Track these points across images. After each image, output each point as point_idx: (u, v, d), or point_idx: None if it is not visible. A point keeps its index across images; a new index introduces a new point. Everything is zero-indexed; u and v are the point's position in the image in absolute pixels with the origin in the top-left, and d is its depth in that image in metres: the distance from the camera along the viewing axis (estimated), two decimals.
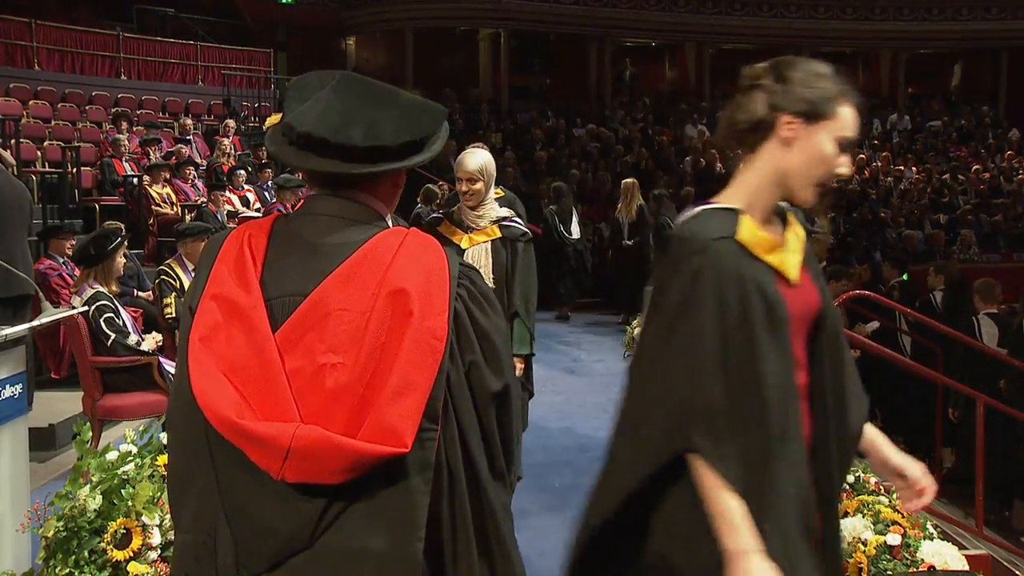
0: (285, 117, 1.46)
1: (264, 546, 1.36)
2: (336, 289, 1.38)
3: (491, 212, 3.91)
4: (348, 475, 1.32)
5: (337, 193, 1.48)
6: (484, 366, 1.45)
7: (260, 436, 1.31)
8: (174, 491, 1.48)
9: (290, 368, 1.35)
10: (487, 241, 3.88)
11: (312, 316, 1.37)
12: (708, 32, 22.81)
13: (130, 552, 3.20)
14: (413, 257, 1.41)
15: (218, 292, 1.40)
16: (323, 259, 1.41)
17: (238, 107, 16.31)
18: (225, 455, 1.37)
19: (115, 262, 5.35)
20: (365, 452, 1.30)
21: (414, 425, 1.33)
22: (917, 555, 3.53)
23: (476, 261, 3.79)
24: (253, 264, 1.42)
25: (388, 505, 1.35)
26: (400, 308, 1.36)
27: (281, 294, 1.40)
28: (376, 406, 1.32)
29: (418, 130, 1.45)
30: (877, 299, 7.08)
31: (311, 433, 1.31)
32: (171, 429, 1.49)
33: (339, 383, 1.34)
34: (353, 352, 1.35)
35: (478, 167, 3.83)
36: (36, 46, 15.28)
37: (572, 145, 17.90)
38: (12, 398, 3.25)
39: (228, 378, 1.35)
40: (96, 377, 5.03)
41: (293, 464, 1.31)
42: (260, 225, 1.49)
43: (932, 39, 23.48)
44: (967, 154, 20.21)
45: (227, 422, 1.32)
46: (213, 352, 1.37)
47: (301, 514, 1.34)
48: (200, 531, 1.41)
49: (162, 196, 10.40)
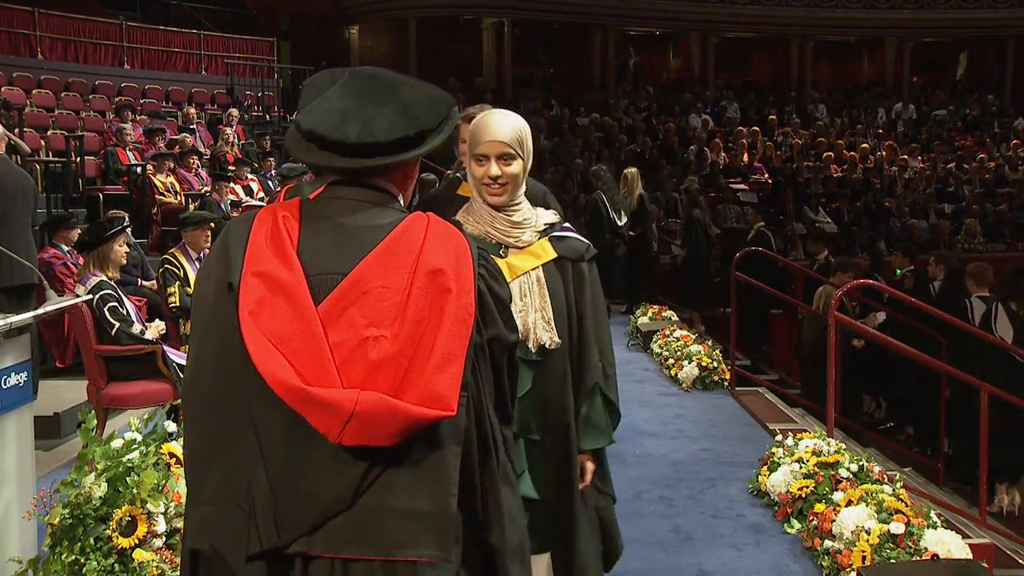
0: (298, 114, 1.60)
1: (307, 509, 1.44)
2: (374, 268, 1.49)
3: (534, 219, 2.47)
4: (400, 438, 1.42)
5: (353, 180, 1.59)
6: (504, 331, 1.60)
7: (327, 400, 1.40)
8: (195, 466, 1.53)
9: (333, 341, 1.44)
10: (537, 267, 2.43)
11: (353, 292, 1.47)
12: (712, 20, 22.71)
13: (135, 539, 3.22)
14: (442, 239, 1.54)
15: (260, 269, 1.49)
16: (358, 240, 1.53)
17: (241, 96, 16.28)
18: (270, 423, 1.45)
19: (113, 249, 5.34)
20: (420, 415, 1.41)
21: (456, 391, 1.45)
22: (920, 544, 3.53)
23: (524, 299, 2.41)
24: (290, 242, 1.52)
25: (425, 465, 1.46)
26: (439, 286, 1.48)
27: (320, 272, 1.50)
28: (423, 374, 1.44)
29: (413, 125, 1.55)
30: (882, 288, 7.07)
31: (373, 398, 1.41)
32: (192, 409, 1.55)
33: (383, 354, 1.44)
34: (396, 326, 1.46)
35: (513, 135, 2.35)
36: (40, 35, 15.25)
37: (576, 134, 17.87)
38: (17, 386, 3.25)
39: (278, 348, 1.44)
40: (100, 366, 5.05)
41: (353, 427, 1.40)
42: (288, 207, 1.59)
43: (937, 27, 23.36)
44: (972, 143, 20.13)
45: (293, 388, 1.41)
46: (263, 325, 1.46)
47: (346, 477, 1.43)
48: (227, 501, 1.48)
49: (166, 185, 10.40)
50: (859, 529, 3.68)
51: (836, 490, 4.09)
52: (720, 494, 4.75)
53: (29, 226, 5.99)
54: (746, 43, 24.61)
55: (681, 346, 7.65)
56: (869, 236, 14.66)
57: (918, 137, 20.55)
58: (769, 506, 4.50)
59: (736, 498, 4.69)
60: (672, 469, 5.17)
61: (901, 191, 17.03)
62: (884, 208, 15.96)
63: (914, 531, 3.58)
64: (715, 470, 5.14)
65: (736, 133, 18.78)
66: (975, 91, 23.34)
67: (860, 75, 25.16)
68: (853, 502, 3.88)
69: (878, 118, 21.60)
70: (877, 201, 16.18)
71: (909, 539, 3.55)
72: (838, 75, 25.10)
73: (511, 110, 2.51)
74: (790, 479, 4.37)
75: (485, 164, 2.34)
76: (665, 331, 8.29)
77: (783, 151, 18.53)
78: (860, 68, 25.42)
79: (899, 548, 3.53)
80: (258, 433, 1.46)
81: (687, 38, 23.72)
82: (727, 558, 3.96)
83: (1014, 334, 6.45)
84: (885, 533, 3.59)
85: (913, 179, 17.69)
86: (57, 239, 7.21)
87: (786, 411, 6.62)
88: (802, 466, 4.38)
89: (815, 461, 4.34)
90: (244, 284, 1.49)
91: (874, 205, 16.00)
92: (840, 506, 3.90)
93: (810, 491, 4.20)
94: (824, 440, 4.63)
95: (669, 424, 6.15)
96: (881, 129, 20.87)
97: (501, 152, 2.32)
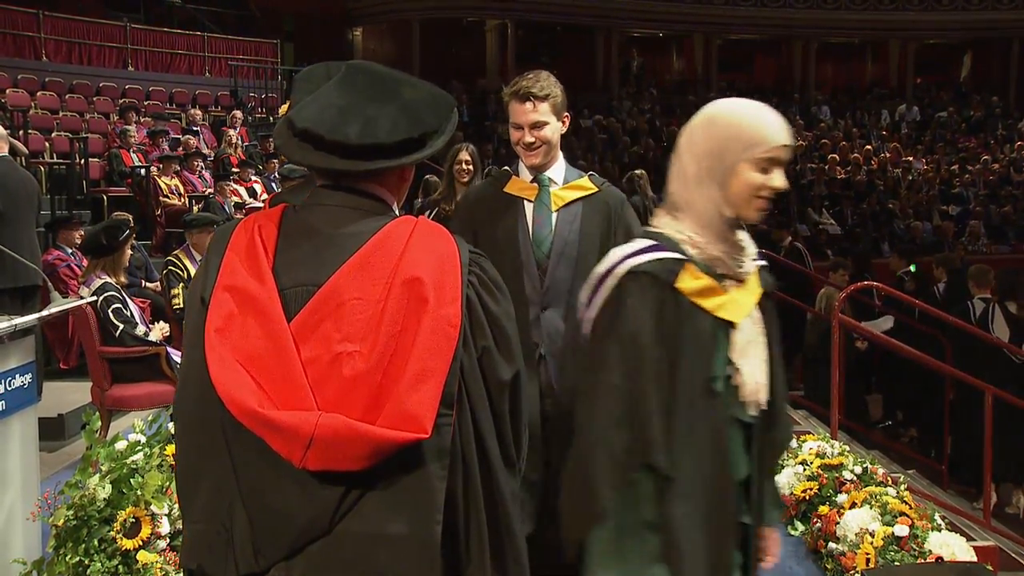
0: (290, 110, 1.49)
1: (283, 533, 1.37)
2: (349, 278, 1.39)
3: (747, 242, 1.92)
4: (369, 462, 1.34)
5: (343, 184, 1.49)
6: (496, 352, 1.46)
7: (283, 425, 1.32)
8: (184, 481, 1.48)
9: (306, 357, 1.37)
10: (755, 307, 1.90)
11: (327, 305, 1.38)
12: (716, 22, 22.71)
13: (139, 541, 3.22)
14: (425, 245, 1.43)
15: (231, 283, 1.41)
16: (335, 249, 1.43)
17: (245, 98, 16.30)
18: (243, 444, 1.38)
19: (124, 253, 5.37)
20: (387, 439, 1.32)
21: (433, 411, 1.35)
22: (925, 546, 3.52)
23: (752, 353, 1.84)
24: (265, 254, 1.43)
25: (406, 490, 1.37)
26: (415, 296, 1.38)
27: (294, 284, 1.42)
28: (395, 393, 1.34)
29: (417, 127, 1.45)
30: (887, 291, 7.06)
31: (333, 421, 1.32)
32: (180, 419, 1.50)
33: (356, 371, 1.35)
34: (369, 340, 1.36)
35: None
36: (44, 37, 15.29)
37: (579, 136, 17.87)
38: (22, 388, 3.25)
39: (245, 368, 1.36)
40: (105, 367, 5.05)
41: (316, 452, 1.32)
42: (269, 215, 1.50)
43: (941, 29, 23.34)
44: (976, 145, 20.09)
45: (249, 412, 1.34)
46: (229, 343, 1.38)
47: (320, 500, 1.36)
48: (213, 520, 1.42)
49: (170, 187, 10.43)
50: (863, 531, 3.67)
51: (840, 492, 4.08)
52: None
53: (33, 228, 6.01)
54: (749, 45, 24.60)
55: None
56: (873, 238, 14.64)
57: (922, 139, 20.53)
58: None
59: None
60: None
61: (905, 193, 17.00)
62: (888, 210, 15.94)
63: (918, 533, 3.58)
64: None
65: None
66: (979, 93, 23.30)
67: (864, 77, 25.13)
68: (857, 504, 3.87)
69: (882, 120, 21.58)
70: (881, 203, 16.15)
71: (913, 541, 3.54)
72: (841, 77, 25.08)
73: None
74: (794, 481, 4.36)
75: (772, 171, 1.80)
76: None
77: None
78: (864, 70, 25.40)
79: (903, 550, 3.53)
80: (232, 454, 1.40)
81: (690, 40, 23.72)
82: None
83: (1011, 335, 6.48)
84: (889, 535, 3.58)
85: (917, 181, 17.66)
86: (60, 240, 7.22)
87: (790, 413, 6.60)
88: (806, 468, 4.38)
89: (819, 463, 4.34)
90: (214, 299, 1.41)
91: (878, 207, 15.98)
92: (844, 508, 3.89)
93: (814, 493, 4.19)
94: (828, 442, 4.62)
95: None
96: (885, 131, 20.84)
97: (784, 157, 1.81)
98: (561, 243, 2.78)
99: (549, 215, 2.82)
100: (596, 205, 2.85)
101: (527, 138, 2.80)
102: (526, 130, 2.80)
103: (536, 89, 2.77)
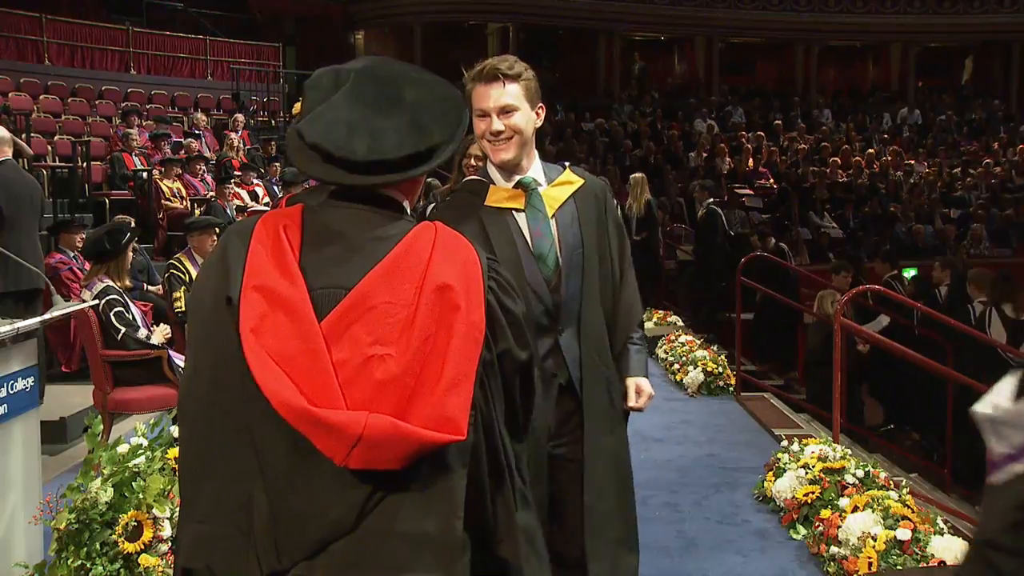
0: (301, 116, 1.49)
1: (308, 531, 1.39)
2: (379, 283, 1.42)
3: None
4: (408, 461, 1.37)
5: (357, 187, 1.50)
6: (515, 349, 1.52)
7: (333, 424, 1.34)
8: (188, 479, 1.49)
9: (336, 359, 1.38)
10: None
11: (357, 309, 1.40)
12: (717, 26, 22.74)
13: (141, 544, 3.22)
14: (450, 252, 1.47)
15: (262, 283, 1.42)
16: (362, 252, 1.45)
17: (247, 101, 16.33)
18: (274, 443, 1.39)
19: (126, 257, 5.38)
20: (429, 440, 1.36)
21: (467, 414, 1.39)
22: (927, 550, 3.52)
23: None
24: (293, 254, 1.45)
25: (429, 487, 1.40)
26: (448, 303, 1.41)
27: (323, 286, 1.43)
28: (432, 396, 1.38)
29: (424, 140, 1.46)
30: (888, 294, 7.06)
31: (381, 422, 1.35)
32: (185, 420, 1.50)
33: (389, 374, 1.38)
34: (401, 344, 1.39)
35: None
36: (46, 41, 15.33)
37: (580, 139, 17.88)
38: (24, 391, 3.26)
39: (281, 368, 1.38)
40: (107, 371, 5.06)
41: (360, 451, 1.34)
42: (290, 215, 1.50)
43: (942, 32, 23.36)
44: (978, 148, 20.08)
45: (299, 409, 1.35)
46: (264, 343, 1.39)
47: (348, 499, 1.38)
48: (221, 521, 1.42)
49: (172, 190, 10.45)
50: (865, 535, 3.67)
51: (842, 496, 4.08)
52: (725, 500, 4.74)
53: (36, 231, 6.02)
54: (751, 48, 24.62)
55: (687, 351, 7.64)
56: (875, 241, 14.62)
57: (923, 142, 20.52)
58: (775, 512, 4.49)
59: (741, 504, 4.68)
60: (677, 475, 5.16)
61: (906, 196, 16.99)
62: (889, 213, 15.93)
63: (921, 537, 3.57)
64: (720, 476, 5.13)
65: (741, 138, 18.78)
66: (980, 96, 23.31)
67: (865, 80, 25.15)
68: (859, 508, 3.86)
69: (883, 123, 21.58)
70: (882, 206, 16.15)
71: (916, 545, 3.54)
72: (843, 80, 25.10)
73: None
74: (796, 485, 4.36)
75: None
76: (670, 336, 8.28)
77: (788, 156, 18.51)
78: (865, 73, 25.42)
79: (906, 555, 3.52)
80: (259, 453, 1.40)
81: (692, 43, 23.74)
82: (732, 564, 3.95)
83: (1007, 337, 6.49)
84: (891, 539, 3.58)
85: (918, 184, 17.65)
86: (62, 243, 7.23)
87: (791, 416, 6.60)
88: (808, 472, 4.37)
89: (821, 467, 4.33)
90: (244, 299, 1.41)
91: (879, 210, 15.97)
92: (846, 512, 3.88)
93: (816, 497, 4.18)
94: (830, 446, 4.62)
95: (674, 430, 6.14)
96: (886, 134, 20.83)
97: None
98: (567, 252, 2.45)
99: (547, 222, 2.45)
100: (587, 199, 2.52)
101: (495, 125, 2.36)
102: (493, 116, 2.36)
103: (504, 67, 2.35)
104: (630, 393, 2.58)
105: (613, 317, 2.55)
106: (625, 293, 2.58)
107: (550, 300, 2.42)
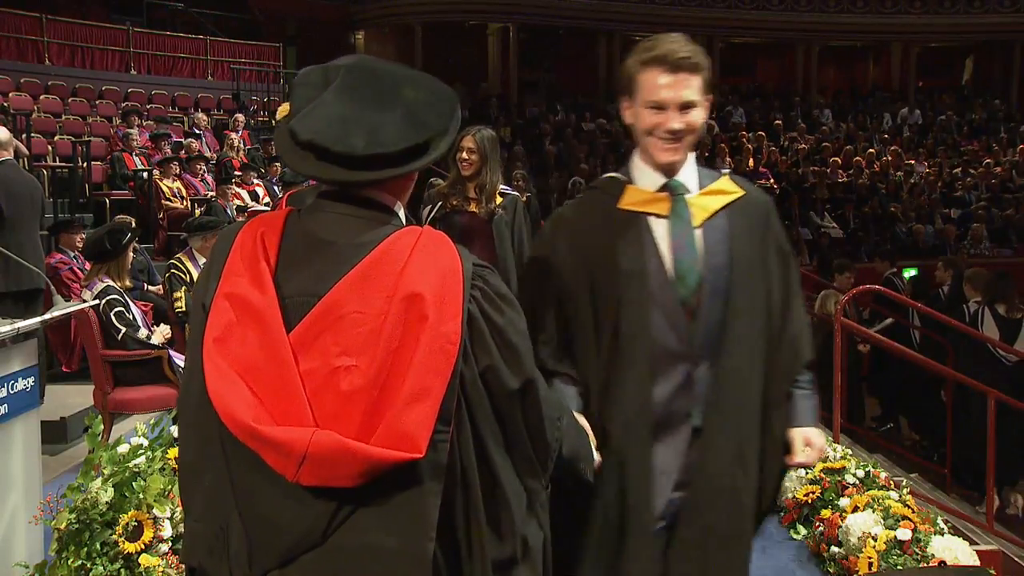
0: (290, 116, 1.45)
1: (276, 542, 1.37)
2: (351, 291, 1.37)
3: None
4: (362, 479, 1.33)
5: (347, 189, 1.46)
6: (502, 367, 1.44)
7: (276, 441, 1.32)
8: (186, 479, 1.49)
9: (304, 369, 1.35)
10: None
11: (327, 318, 1.36)
12: (718, 26, 22.72)
13: (142, 544, 3.22)
14: (428, 258, 1.40)
15: (231, 291, 1.39)
16: (338, 259, 1.40)
17: (247, 101, 16.33)
18: (238, 454, 1.38)
19: (127, 257, 5.38)
20: (380, 458, 1.31)
21: (428, 430, 1.33)
22: (927, 550, 3.52)
23: None
24: (267, 261, 1.41)
25: (400, 506, 1.36)
26: (415, 312, 1.35)
27: (295, 293, 1.40)
28: (391, 411, 1.33)
29: (422, 132, 1.42)
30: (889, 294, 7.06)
31: (327, 439, 1.31)
32: (183, 421, 1.50)
33: (354, 386, 1.34)
34: (368, 355, 1.34)
35: None
36: (47, 41, 15.32)
37: (581, 139, 17.88)
38: (24, 391, 3.26)
39: (243, 379, 1.35)
40: (107, 371, 5.05)
41: (309, 468, 1.32)
42: (272, 222, 1.47)
43: (943, 32, 23.35)
44: (978, 148, 20.08)
45: (243, 426, 1.33)
46: (228, 353, 1.36)
47: (314, 512, 1.35)
48: (212, 522, 1.43)
49: (172, 190, 10.45)
50: (866, 535, 3.66)
51: (842, 496, 4.07)
52: None
53: (37, 231, 6.02)
54: (752, 48, 24.61)
55: None
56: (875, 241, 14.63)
57: (924, 142, 20.51)
58: (775, 512, 4.49)
59: None
60: None
61: (907, 196, 16.99)
62: (890, 213, 15.93)
63: (921, 537, 3.57)
64: None
65: (741, 138, 18.78)
66: (981, 96, 23.30)
67: (866, 80, 25.13)
68: (859, 508, 3.86)
69: (884, 123, 21.56)
70: (883, 206, 16.15)
71: (916, 545, 3.54)
72: (844, 80, 25.08)
73: (516, 115, 2.51)
74: (796, 485, 4.36)
75: None
76: None
77: (789, 156, 18.52)
78: (866, 73, 25.40)
79: (906, 554, 3.52)
80: (228, 462, 1.40)
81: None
82: None
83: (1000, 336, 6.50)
84: (892, 539, 3.57)
85: (919, 184, 17.65)
86: (62, 243, 7.23)
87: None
88: (808, 472, 4.37)
89: (821, 467, 4.33)
90: (214, 306, 1.39)
91: (880, 210, 15.97)
92: (846, 512, 3.88)
93: (816, 497, 4.18)
94: (830, 446, 4.61)
95: None
96: (887, 134, 20.82)
97: None
98: (711, 273, 2.01)
99: (691, 235, 2.02)
100: (744, 215, 2.08)
101: (674, 123, 1.99)
102: (672, 112, 1.99)
103: (689, 54, 2.00)
104: (797, 445, 2.13)
105: (774, 357, 2.09)
106: (789, 330, 2.12)
107: (685, 327, 2.00)
